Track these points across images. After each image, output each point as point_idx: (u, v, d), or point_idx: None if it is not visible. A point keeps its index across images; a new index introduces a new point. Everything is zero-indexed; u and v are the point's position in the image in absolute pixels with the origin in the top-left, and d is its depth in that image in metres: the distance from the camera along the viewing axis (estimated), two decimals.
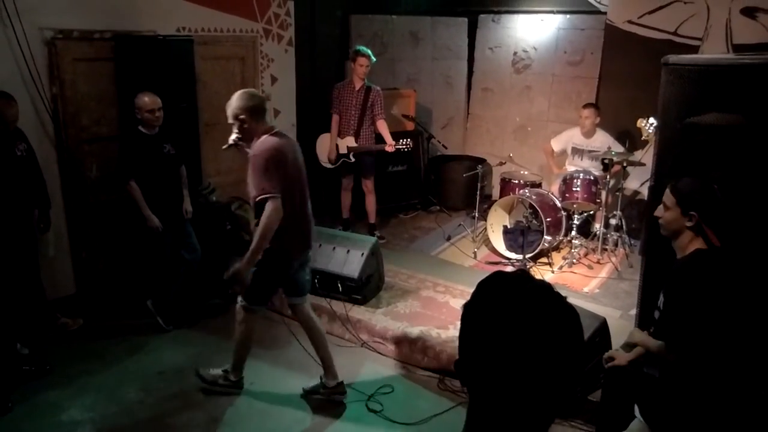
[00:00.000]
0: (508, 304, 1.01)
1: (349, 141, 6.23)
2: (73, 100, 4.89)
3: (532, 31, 7.49)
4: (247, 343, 3.85)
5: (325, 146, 6.33)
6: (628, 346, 2.75)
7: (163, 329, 4.66)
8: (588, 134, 6.30)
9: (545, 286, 1.06)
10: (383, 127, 6.22)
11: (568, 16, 7.19)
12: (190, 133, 5.26)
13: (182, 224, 4.72)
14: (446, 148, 7.52)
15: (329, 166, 6.34)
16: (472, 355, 1.04)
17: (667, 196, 2.43)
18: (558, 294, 1.05)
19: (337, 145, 6.24)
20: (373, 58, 6.12)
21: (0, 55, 4.40)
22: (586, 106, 6.31)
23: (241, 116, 3.45)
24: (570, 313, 1.04)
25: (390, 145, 6.03)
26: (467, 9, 7.90)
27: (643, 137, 5.48)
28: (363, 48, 6.12)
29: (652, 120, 5.31)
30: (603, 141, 6.20)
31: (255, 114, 3.46)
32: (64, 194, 4.94)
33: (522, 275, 1.08)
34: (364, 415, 3.76)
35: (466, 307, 1.08)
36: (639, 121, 5.48)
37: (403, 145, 6.06)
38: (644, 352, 2.51)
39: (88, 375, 4.08)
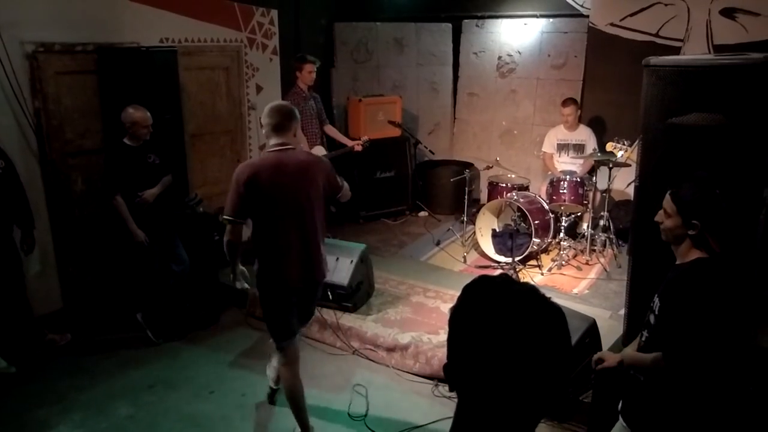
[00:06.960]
0: (494, 308, 1.03)
1: (319, 150, 6.11)
2: (56, 113, 4.86)
3: (515, 36, 7.53)
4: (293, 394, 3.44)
5: None
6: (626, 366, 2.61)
7: (153, 342, 4.63)
8: (571, 128, 6.46)
9: (530, 289, 1.07)
10: (335, 131, 6.47)
11: (551, 19, 7.23)
12: (176, 144, 5.23)
13: (170, 236, 4.70)
14: (433, 153, 7.53)
15: None
16: (460, 359, 1.06)
17: (668, 203, 2.31)
18: (543, 296, 1.06)
19: None
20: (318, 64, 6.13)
21: None
22: (565, 103, 6.40)
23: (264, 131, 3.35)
24: (555, 314, 1.04)
25: (358, 144, 6.27)
26: (451, 14, 7.92)
27: (621, 158, 5.59)
28: (311, 56, 6.10)
29: (619, 143, 5.53)
30: (587, 133, 6.40)
31: (267, 130, 3.29)
32: (50, 209, 4.89)
33: (506, 278, 1.10)
34: (355, 424, 3.75)
35: (453, 311, 1.09)
36: (609, 144, 5.58)
37: (363, 141, 6.30)
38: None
39: (77, 391, 4.04)
